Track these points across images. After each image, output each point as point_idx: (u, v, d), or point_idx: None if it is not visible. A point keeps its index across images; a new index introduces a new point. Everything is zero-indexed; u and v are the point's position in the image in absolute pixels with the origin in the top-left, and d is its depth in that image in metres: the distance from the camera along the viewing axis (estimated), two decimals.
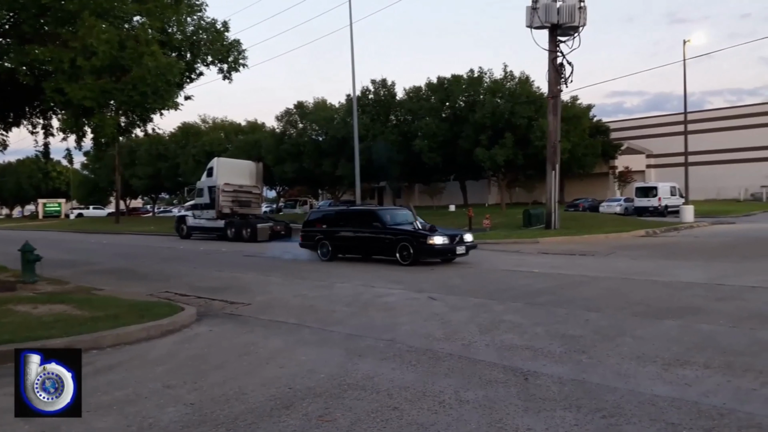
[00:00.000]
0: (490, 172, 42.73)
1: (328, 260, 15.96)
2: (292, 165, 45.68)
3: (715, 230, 25.02)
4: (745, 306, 8.07)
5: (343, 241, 16.02)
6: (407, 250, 14.29)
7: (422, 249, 14.16)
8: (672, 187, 39.68)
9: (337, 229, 16.21)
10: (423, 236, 14.27)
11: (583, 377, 4.96)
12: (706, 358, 5.42)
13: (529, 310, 8.14)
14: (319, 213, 18.58)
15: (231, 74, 13.22)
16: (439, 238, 14.23)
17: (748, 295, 8.98)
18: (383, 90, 45.84)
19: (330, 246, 16.15)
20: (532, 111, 37.23)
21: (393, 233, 14.84)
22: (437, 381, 4.97)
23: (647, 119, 61.91)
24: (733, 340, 6.15)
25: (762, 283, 10.05)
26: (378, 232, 15.13)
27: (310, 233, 17.01)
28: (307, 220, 17.74)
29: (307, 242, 17.03)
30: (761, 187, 52.85)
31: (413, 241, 14.28)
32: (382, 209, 16.89)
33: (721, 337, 6.30)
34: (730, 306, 8.08)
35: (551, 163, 23.68)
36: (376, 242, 15.14)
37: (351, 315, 8.14)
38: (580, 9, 22.04)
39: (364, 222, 15.68)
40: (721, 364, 5.22)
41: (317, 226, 16.89)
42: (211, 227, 27.83)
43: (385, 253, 14.92)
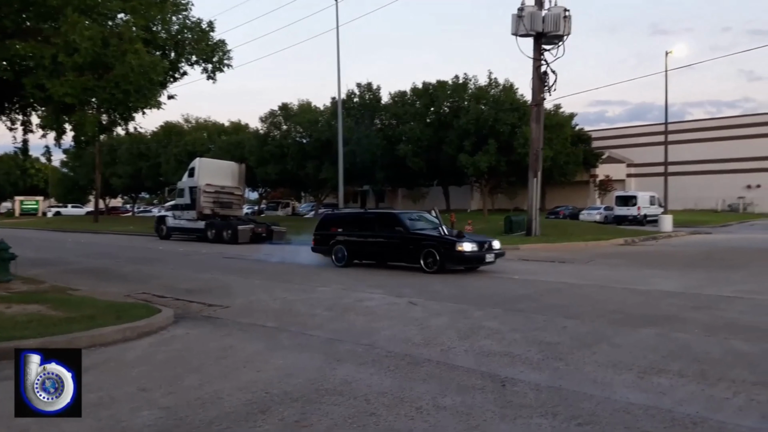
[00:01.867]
0: (473, 178, 42.92)
1: (343, 266, 14.90)
2: (276, 167, 45.46)
3: (693, 240, 25.41)
4: (719, 315, 8.20)
5: (361, 246, 15.08)
6: (433, 256, 13.35)
7: (450, 256, 13.27)
8: (651, 197, 40.25)
9: (354, 233, 15.22)
10: (451, 242, 13.36)
11: (559, 384, 5.00)
12: (681, 367, 5.49)
13: (508, 317, 8.19)
14: (333, 215, 17.59)
15: (215, 74, 13.14)
16: (469, 244, 13.33)
17: (723, 304, 9.13)
18: (368, 94, 45.84)
19: (346, 251, 15.07)
20: (515, 118, 37.49)
21: (417, 238, 13.90)
22: (415, 387, 4.97)
23: (628, 129, 62.74)
24: (708, 349, 6.24)
25: (736, 293, 10.23)
26: (400, 236, 14.18)
27: (323, 237, 15.88)
28: (321, 223, 16.62)
29: (320, 246, 15.94)
30: (738, 198, 53.83)
31: (440, 247, 13.35)
32: (404, 212, 15.93)
33: (695, 345, 6.38)
34: (705, 315, 8.20)
35: (533, 170, 23.86)
36: (398, 248, 14.21)
37: (331, 319, 8.11)
38: (564, 18, 22.26)
39: (385, 226, 14.76)
40: (695, 373, 5.29)
41: (331, 230, 15.81)
42: (191, 228, 27.57)
43: (408, 260, 13.99)
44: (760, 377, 5.15)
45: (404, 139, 41.35)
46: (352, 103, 44.85)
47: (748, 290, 10.53)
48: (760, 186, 53.66)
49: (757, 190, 53.77)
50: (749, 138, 53.81)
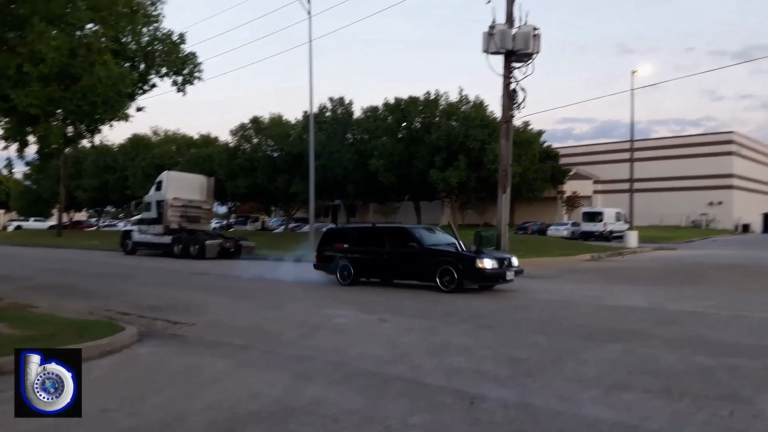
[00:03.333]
0: (443, 194, 43.25)
1: (348, 285, 14.03)
2: (245, 180, 45.08)
3: (658, 256, 25.95)
4: (683, 331, 8.36)
5: (369, 262, 14.15)
6: (450, 274, 12.52)
7: (469, 273, 12.47)
8: (617, 213, 41.10)
9: (361, 250, 14.30)
10: (470, 259, 12.59)
11: (528, 401, 5.01)
12: (646, 383, 5.57)
13: (478, 333, 8.21)
14: (338, 230, 16.47)
15: (185, 87, 13.03)
16: (490, 261, 12.59)
17: (687, 319, 9.32)
18: (341, 108, 45.95)
19: (353, 268, 14.14)
20: (485, 135, 37.97)
21: (433, 255, 13.09)
22: (384, 405, 4.93)
23: (595, 146, 64.12)
24: (672, 364, 6.34)
25: (700, 308, 10.46)
26: (414, 253, 13.34)
27: (327, 254, 14.94)
28: (324, 239, 15.61)
29: (324, 264, 14.98)
30: (701, 215, 55.33)
31: (458, 264, 12.56)
32: (416, 227, 15.07)
33: (660, 361, 6.49)
34: (669, 330, 8.35)
35: (502, 186, 24.10)
36: (411, 265, 13.38)
37: (300, 336, 8.02)
38: (534, 37, 22.67)
39: (397, 241, 13.85)
40: (660, 389, 5.37)
41: (336, 246, 14.89)
42: (157, 243, 27.06)
43: (422, 278, 13.22)
44: (722, 392, 5.26)
45: (376, 153, 41.48)
46: (324, 117, 44.87)
47: (710, 305, 10.77)
48: (722, 203, 55.30)
49: (719, 207, 55.37)
50: (711, 156, 55.52)
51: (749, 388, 5.36)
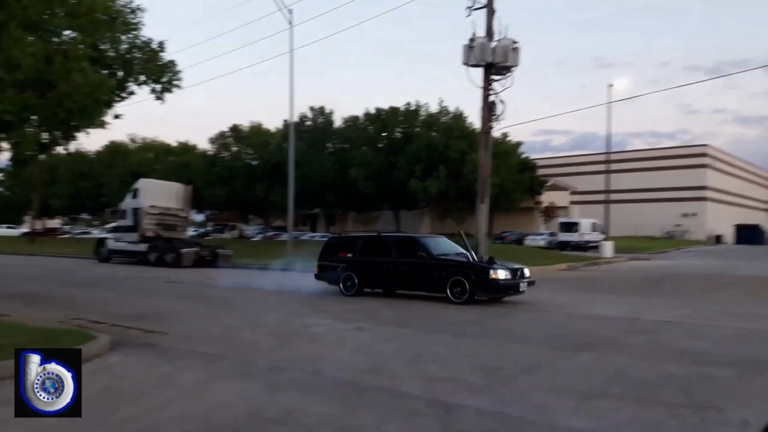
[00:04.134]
0: (423, 203, 43.41)
1: (352, 295, 13.56)
2: (223, 188, 44.78)
3: (632, 266, 26.31)
4: (656, 340, 8.47)
5: (375, 273, 13.70)
6: (462, 285, 12.09)
7: (482, 285, 12.08)
8: (593, 223, 41.65)
9: (366, 259, 13.80)
10: (483, 269, 12.18)
11: (503, 410, 5.02)
12: (620, 391, 5.62)
13: (455, 342, 8.23)
14: (341, 239, 15.67)
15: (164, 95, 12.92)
16: (503, 271, 12.18)
17: (660, 329, 9.45)
18: (321, 117, 45.97)
19: (357, 279, 13.66)
20: (465, 145, 38.26)
21: (443, 265, 12.64)
22: (359, 415, 4.90)
23: (572, 158, 65.02)
24: (645, 373, 6.41)
25: (672, 317, 10.62)
26: (423, 263, 12.91)
27: (329, 263, 14.41)
28: (327, 248, 14.98)
29: (326, 274, 14.47)
30: (675, 226, 56.31)
31: (470, 275, 12.12)
32: (424, 236, 14.45)
33: (633, 370, 6.56)
34: (642, 339, 8.45)
35: (481, 196, 24.25)
36: (420, 275, 12.94)
37: (275, 346, 7.95)
38: (513, 50, 22.93)
39: (404, 251, 13.43)
40: (633, 397, 5.42)
41: (340, 255, 14.34)
42: (132, 251, 26.69)
43: (432, 289, 12.79)
44: (694, 400, 5.32)
45: (356, 163, 41.53)
46: (305, 126, 44.84)
47: (682, 315, 10.94)
48: (696, 214, 56.39)
49: (693, 218, 56.46)
50: (686, 168, 56.68)
51: (720, 397, 5.44)
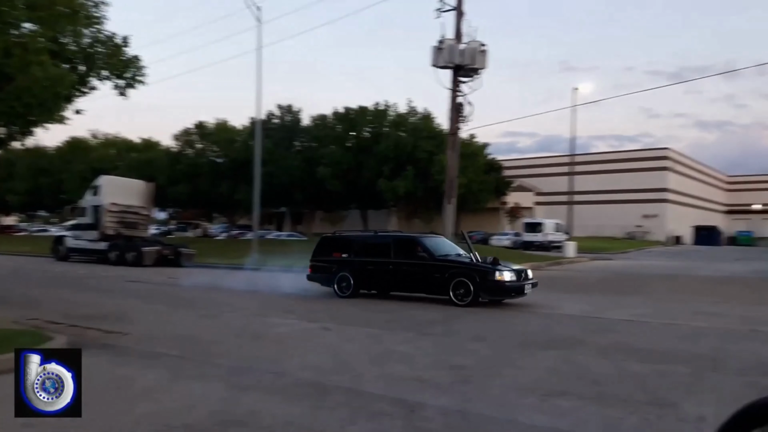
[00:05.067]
0: (391, 203, 43.48)
1: (347, 297, 13.16)
2: (187, 186, 44.06)
3: (594, 266, 26.84)
4: (617, 338, 8.63)
5: (373, 274, 13.31)
6: (465, 287, 11.77)
7: (486, 286, 11.78)
8: (557, 224, 42.37)
9: (363, 260, 13.39)
10: (488, 271, 11.87)
11: (466, 408, 5.04)
12: (581, 389, 5.71)
13: (420, 341, 8.24)
14: (336, 238, 14.97)
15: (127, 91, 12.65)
16: (509, 273, 11.89)
17: (621, 327, 9.64)
18: (289, 115, 45.62)
19: (352, 279, 13.27)
20: (433, 146, 38.48)
21: (446, 266, 12.27)
22: (323, 415, 4.85)
23: (537, 159, 66.00)
24: (605, 370, 6.52)
25: (633, 316, 10.84)
26: (424, 264, 12.55)
27: (323, 263, 13.95)
28: (320, 247, 14.41)
29: (319, 274, 14.01)
30: (636, 227, 57.68)
31: (474, 277, 11.80)
32: (424, 236, 14.10)
33: (594, 368, 6.66)
34: (604, 338, 8.61)
35: (449, 196, 24.45)
36: (421, 276, 12.55)
37: (238, 346, 7.83)
38: (481, 52, 23.16)
39: (404, 251, 13.04)
40: (593, 395, 5.51)
41: (334, 255, 13.88)
42: (92, 249, 26.07)
43: (433, 290, 12.44)
44: (652, 397, 5.43)
45: (324, 161, 41.35)
46: (272, 123, 44.43)
47: (642, 314, 11.19)
48: (656, 216, 57.87)
49: (654, 220, 57.93)
50: (647, 171, 58.14)
51: (677, 393, 5.56)
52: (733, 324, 9.99)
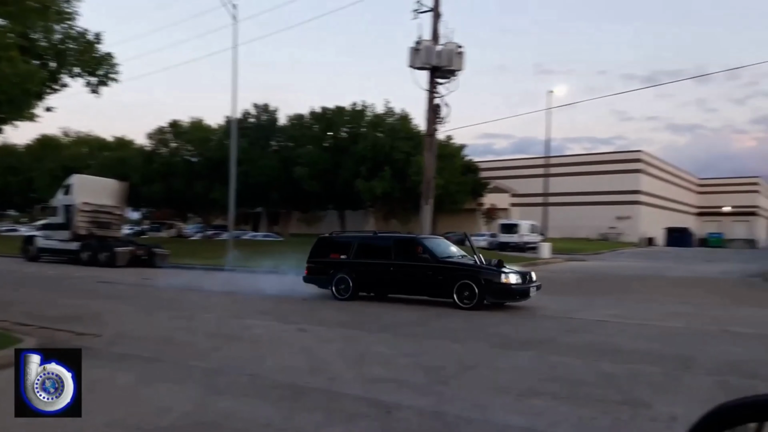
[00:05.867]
0: (368, 203, 43.46)
1: (346, 299, 12.86)
2: (161, 185, 43.47)
3: (569, 266, 27.17)
4: (591, 339, 8.74)
5: (373, 275, 12.98)
6: (470, 289, 11.56)
7: (492, 289, 11.58)
8: (532, 225, 42.80)
9: (362, 261, 13.07)
10: (494, 273, 11.68)
11: (443, 409, 5.06)
12: (555, 389, 5.76)
13: (397, 342, 8.24)
14: (334, 239, 14.60)
15: (99, 88, 12.44)
16: (515, 276, 11.76)
17: (594, 328, 9.77)
18: (265, 114, 45.30)
19: (351, 281, 12.95)
20: (410, 147, 38.55)
21: (450, 268, 12.09)
22: (299, 417, 4.82)
23: (513, 161, 66.62)
24: (579, 370, 6.60)
25: (607, 317, 10.99)
26: (426, 266, 12.28)
27: (320, 265, 13.60)
28: (317, 248, 13.98)
29: (316, 276, 13.65)
30: (610, 228, 58.56)
31: (479, 279, 11.60)
32: (427, 238, 13.83)
33: (569, 368, 6.74)
34: (578, 338, 8.71)
35: (426, 197, 24.51)
36: (423, 278, 12.27)
37: (213, 348, 7.73)
38: (458, 54, 23.28)
39: (405, 252, 12.76)
40: (567, 395, 5.57)
41: (332, 256, 13.55)
42: (63, 249, 25.53)
43: (436, 293, 12.22)
44: (625, 397, 5.51)
45: (301, 161, 41.16)
46: (248, 123, 44.09)
47: (616, 314, 11.35)
48: (630, 217, 58.83)
49: (627, 221, 58.87)
50: (621, 173, 59.07)
51: (649, 393, 5.65)
52: (705, 324, 10.20)
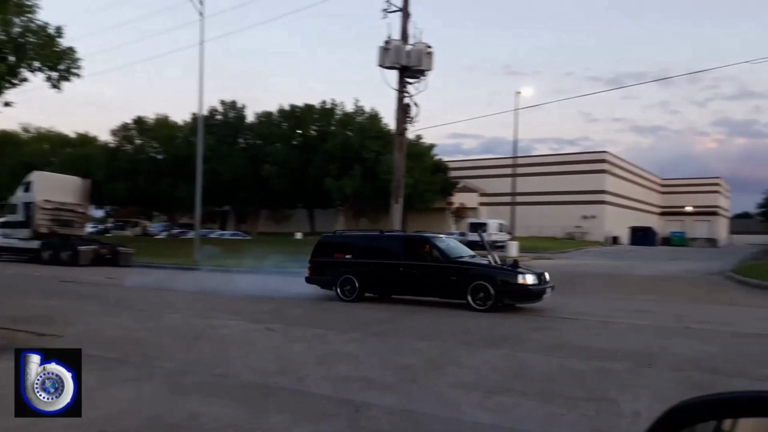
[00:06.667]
0: (338, 202, 43.34)
1: (352, 300, 12.45)
2: (126, 183, 42.59)
3: (536, 265, 27.47)
4: (558, 335, 8.87)
5: (380, 276, 12.59)
6: (485, 290, 11.19)
7: (508, 290, 11.22)
8: (500, 224, 43.34)
9: (369, 261, 12.69)
10: (511, 274, 11.42)
11: (411, 407, 5.07)
12: (523, 386, 5.83)
13: (366, 340, 8.24)
14: (337, 238, 14.23)
15: (61, 83, 12.10)
16: (531, 276, 11.39)
17: (561, 325, 9.92)
18: (232, 111, 44.77)
19: (357, 282, 12.54)
20: (380, 146, 38.59)
21: (463, 269, 11.72)
22: (267, 417, 4.77)
23: (481, 161, 67.24)
24: (546, 367, 6.70)
25: (573, 315, 11.17)
26: (439, 266, 11.90)
27: (324, 264, 13.20)
28: (319, 248, 13.57)
29: (320, 277, 13.24)
30: (575, 227, 59.60)
31: (496, 280, 11.24)
32: (437, 236, 13.40)
33: (536, 365, 6.83)
34: (545, 336, 8.83)
35: (396, 196, 24.55)
36: (434, 279, 11.90)
37: (179, 349, 7.60)
38: (427, 54, 23.36)
39: (415, 252, 12.44)
40: (535, 391, 5.63)
41: (336, 256, 13.14)
42: (24, 248, 24.83)
43: (449, 295, 11.78)
44: (591, 393, 5.61)
45: (269, 159, 40.80)
46: (215, 120, 43.50)
47: (582, 312, 11.54)
48: (595, 217, 59.97)
49: (592, 221, 59.98)
50: (586, 173, 60.15)
51: (614, 389, 5.75)
52: (668, 321, 10.42)
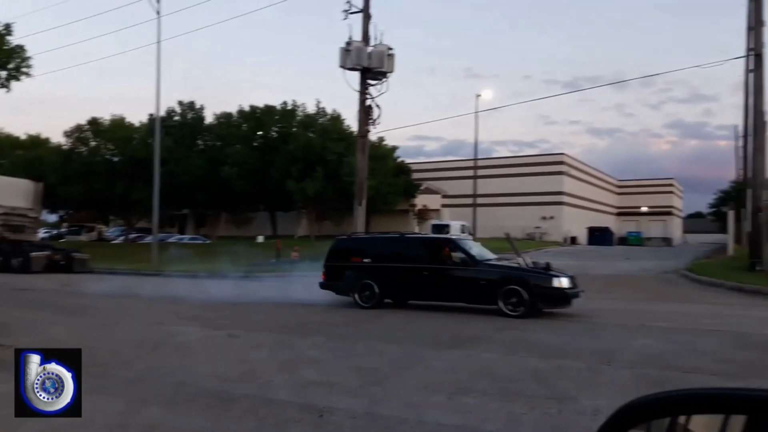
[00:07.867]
0: (300, 204, 43.02)
1: (371, 307, 11.85)
2: (80, 186, 41.32)
3: None
4: (518, 335, 8.99)
5: (401, 281, 12.00)
6: (518, 295, 10.62)
7: (544, 295, 10.66)
8: (462, 225, 43.75)
9: (390, 265, 12.04)
10: (546, 277, 10.80)
11: (375, 410, 5.05)
12: (486, 386, 5.88)
13: (330, 344, 8.19)
14: (354, 241, 13.65)
15: (10, 82, 11.64)
16: (566, 279, 10.81)
17: (522, 325, 10.02)
18: (191, 113, 43.98)
19: (377, 287, 11.95)
20: (342, 148, 38.48)
21: (495, 272, 11.19)
22: (229, 425, 4.69)
23: (443, 163, 67.79)
24: (509, 367, 6.77)
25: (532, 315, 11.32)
26: (467, 269, 11.33)
27: (340, 269, 12.56)
28: (335, 252, 12.97)
29: (336, 282, 12.62)
30: (535, 228, 60.65)
31: (530, 284, 10.69)
32: (463, 239, 12.51)
33: (498, 365, 6.90)
34: (507, 336, 8.94)
35: (358, 198, 24.52)
36: (463, 284, 11.30)
37: (137, 357, 7.41)
38: (389, 56, 23.42)
39: (439, 255, 11.76)
40: (497, 391, 5.69)
41: (352, 260, 12.57)
42: None
43: (478, 300, 11.29)
44: (552, 392, 5.69)
45: (229, 161, 40.21)
46: (173, 121, 42.65)
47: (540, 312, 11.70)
48: (554, 217, 61.17)
49: (551, 221, 61.15)
50: (545, 175, 61.28)
51: (575, 388, 5.85)
52: (625, 319, 10.67)
